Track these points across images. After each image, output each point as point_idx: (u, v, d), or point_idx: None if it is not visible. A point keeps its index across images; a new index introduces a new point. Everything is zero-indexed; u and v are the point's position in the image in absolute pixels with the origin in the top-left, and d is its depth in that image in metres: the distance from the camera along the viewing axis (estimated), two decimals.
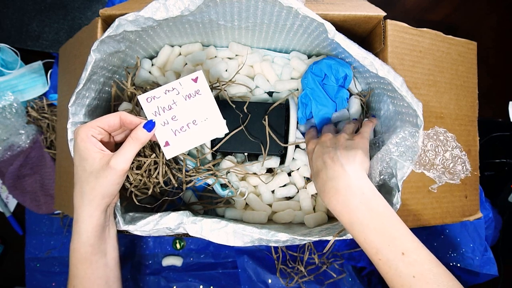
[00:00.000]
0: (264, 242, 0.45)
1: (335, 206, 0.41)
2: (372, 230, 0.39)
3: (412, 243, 0.38)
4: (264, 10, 0.46)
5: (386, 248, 0.38)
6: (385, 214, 0.40)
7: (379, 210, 0.40)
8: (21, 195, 0.73)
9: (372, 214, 0.39)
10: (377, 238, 0.39)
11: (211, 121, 0.45)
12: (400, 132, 0.44)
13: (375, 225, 0.39)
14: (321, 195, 0.43)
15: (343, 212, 0.40)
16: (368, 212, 0.39)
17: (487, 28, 0.89)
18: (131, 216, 0.49)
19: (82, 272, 0.43)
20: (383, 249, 0.38)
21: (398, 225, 0.39)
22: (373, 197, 0.40)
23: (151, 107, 0.43)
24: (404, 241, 0.38)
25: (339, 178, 0.41)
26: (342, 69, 0.53)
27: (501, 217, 0.77)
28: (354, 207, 0.40)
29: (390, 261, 0.38)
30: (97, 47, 0.43)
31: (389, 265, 0.38)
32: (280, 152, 0.54)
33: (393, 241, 0.38)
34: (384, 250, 0.38)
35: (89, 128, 0.40)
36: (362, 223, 0.39)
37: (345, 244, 0.71)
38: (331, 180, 0.42)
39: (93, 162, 0.40)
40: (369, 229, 0.39)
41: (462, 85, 0.55)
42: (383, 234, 0.38)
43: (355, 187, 0.40)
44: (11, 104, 0.71)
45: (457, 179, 0.46)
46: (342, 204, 0.40)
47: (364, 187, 0.41)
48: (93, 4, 0.74)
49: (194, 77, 0.44)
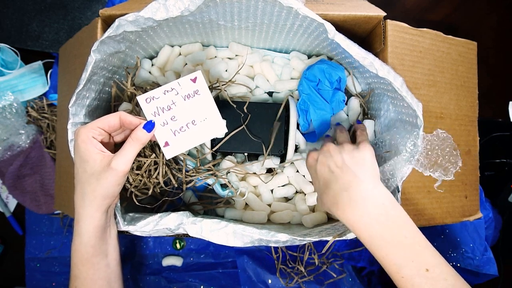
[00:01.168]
0: (264, 242, 0.45)
1: (352, 220, 0.38)
2: (394, 246, 0.36)
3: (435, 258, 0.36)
4: (264, 10, 0.46)
5: (410, 264, 0.35)
6: (407, 227, 0.37)
7: (400, 223, 0.37)
8: (21, 195, 0.73)
9: (393, 227, 0.36)
10: (400, 254, 0.36)
11: (210, 121, 0.45)
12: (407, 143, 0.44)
13: (398, 240, 0.36)
14: (332, 208, 0.40)
15: (361, 226, 0.37)
16: (388, 225, 0.36)
17: (487, 28, 0.89)
18: (131, 217, 0.49)
19: (83, 273, 0.43)
20: (407, 266, 0.35)
21: (420, 238, 0.37)
22: (393, 207, 0.37)
23: (151, 108, 0.43)
24: (427, 256, 0.36)
25: (354, 188, 0.38)
26: (335, 72, 0.53)
27: (501, 217, 0.77)
28: (373, 220, 0.37)
29: (413, 278, 0.35)
30: (97, 47, 0.43)
31: (412, 282, 0.35)
32: (280, 152, 0.54)
33: (417, 257, 0.35)
34: (407, 267, 0.35)
35: (89, 129, 0.40)
36: (383, 237, 0.36)
37: (345, 244, 0.71)
38: (345, 191, 0.38)
39: (93, 163, 0.40)
40: (391, 244, 0.36)
41: (462, 85, 0.55)
42: (406, 250, 0.36)
43: (373, 197, 0.37)
44: (11, 104, 0.71)
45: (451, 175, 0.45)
46: (360, 216, 0.37)
47: (382, 196, 0.38)
48: (93, 4, 0.74)
49: (193, 77, 0.44)
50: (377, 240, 0.37)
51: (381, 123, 0.52)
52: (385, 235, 0.36)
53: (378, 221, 0.37)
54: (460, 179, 0.54)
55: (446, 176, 0.45)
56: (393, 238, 0.36)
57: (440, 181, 0.45)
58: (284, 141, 0.54)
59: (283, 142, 0.54)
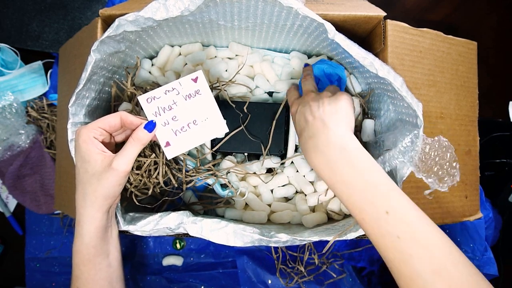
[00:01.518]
0: (264, 242, 0.45)
1: (316, 164, 0.39)
2: (354, 188, 0.36)
3: (398, 201, 0.35)
4: (264, 10, 0.46)
5: (369, 206, 0.35)
6: (370, 170, 0.37)
7: (363, 166, 0.37)
8: (21, 195, 0.73)
9: (355, 170, 0.36)
10: (360, 196, 0.36)
11: (212, 121, 0.45)
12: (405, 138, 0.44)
13: (358, 183, 0.36)
14: (304, 154, 0.41)
15: (324, 170, 0.38)
16: (350, 168, 0.37)
17: (487, 28, 0.89)
18: (131, 216, 0.49)
19: (85, 274, 0.43)
20: (366, 208, 0.35)
21: (383, 182, 0.36)
22: (356, 152, 0.37)
23: (152, 108, 0.43)
24: (389, 199, 0.35)
25: (319, 135, 0.39)
26: (335, 72, 0.53)
27: (501, 217, 0.77)
28: (334, 164, 0.37)
29: (373, 220, 0.35)
30: (97, 47, 0.43)
31: (372, 225, 0.35)
32: (280, 152, 0.54)
33: (377, 200, 0.35)
34: (367, 209, 0.35)
35: (90, 130, 0.40)
36: (344, 180, 0.37)
37: (345, 244, 0.71)
38: (311, 138, 0.39)
39: (95, 164, 0.40)
40: (352, 187, 0.36)
41: (462, 85, 0.55)
42: (366, 192, 0.36)
43: (335, 142, 0.38)
44: (11, 104, 0.71)
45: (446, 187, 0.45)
46: (323, 161, 0.38)
47: (346, 142, 0.38)
48: (93, 4, 0.74)
49: (194, 77, 0.44)
50: (339, 184, 0.37)
51: (381, 123, 0.52)
52: (347, 178, 0.37)
53: (340, 166, 0.37)
54: (460, 179, 0.54)
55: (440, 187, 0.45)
56: (355, 182, 0.36)
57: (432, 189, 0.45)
58: (284, 141, 0.54)
59: (283, 142, 0.54)
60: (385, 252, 0.35)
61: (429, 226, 0.34)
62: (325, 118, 0.39)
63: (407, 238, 0.34)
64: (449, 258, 0.33)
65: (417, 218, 0.35)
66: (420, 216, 0.35)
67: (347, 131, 0.39)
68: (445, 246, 0.33)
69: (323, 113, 0.40)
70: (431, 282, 0.32)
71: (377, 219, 0.35)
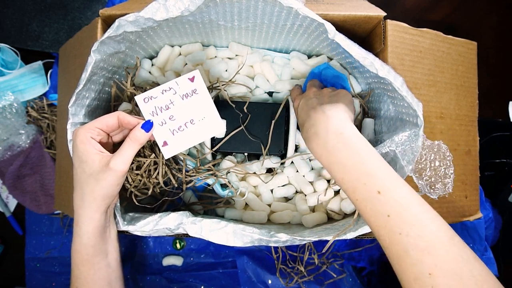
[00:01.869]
0: (264, 242, 0.45)
1: (316, 150, 0.41)
2: (349, 169, 0.38)
3: (391, 182, 0.36)
4: (264, 11, 0.46)
5: (362, 186, 0.36)
6: (364, 152, 0.38)
7: (358, 148, 0.38)
8: (21, 195, 0.73)
9: (350, 152, 0.38)
10: (353, 176, 0.37)
11: (209, 120, 0.45)
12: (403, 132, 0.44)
13: (353, 164, 0.37)
14: (306, 143, 0.43)
15: (323, 154, 0.40)
16: (346, 151, 0.38)
17: (487, 28, 0.89)
18: (131, 217, 0.49)
19: (84, 274, 0.43)
20: (359, 188, 0.37)
21: (377, 163, 0.37)
22: (352, 136, 0.39)
23: (149, 107, 0.43)
24: (382, 179, 0.36)
25: (320, 123, 0.41)
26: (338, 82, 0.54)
27: (501, 217, 0.77)
28: (331, 147, 0.39)
29: (365, 200, 0.36)
30: (97, 48, 0.43)
31: (364, 204, 0.36)
32: (280, 152, 0.54)
33: (370, 179, 0.36)
34: (360, 189, 0.37)
35: (87, 130, 0.40)
36: (340, 162, 0.38)
37: (345, 244, 0.71)
38: (312, 126, 0.41)
39: (92, 164, 0.40)
40: (347, 167, 0.38)
41: (462, 85, 0.55)
42: (360, 173, 0.37)
43: (334, 128, 0.40)
44: (11, 104, 0.71)
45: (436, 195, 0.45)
46: (322, 146, 0.40)
47: (343, 127, 0.40)
48: (93, 4, 0.74)
49: (190, 76, 0.44)
50: (334, 165, 0.39)
51: (381, 123, 0.52)
52: (342, 160, 0.38)
53: (337, 148, 0.39)
54: (460, 179, 0.54)
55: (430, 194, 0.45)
56: (349, 163, 0.38)
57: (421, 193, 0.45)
58: (284, 141, 0.54)
59: (283, 142, 0.54)
60: (377, 230, 0.36)
61: (420, 206, 0.35)
62: (326, 110, 0.41)
63: (397, 217, 0.34)
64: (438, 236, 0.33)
65: (409, 198, 0.35)
66: (412, 196, 0.36)
67: (345, 119, 0.41)
68: (435, 225, 0.34)
69: (324, 105, 0.42)
70: (419, 259, 0.32)
71: (369, 198, 0.36)
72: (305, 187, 0.56)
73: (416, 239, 0.33)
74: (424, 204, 0.35)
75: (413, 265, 0.33)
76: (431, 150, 0.45)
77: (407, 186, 0.36)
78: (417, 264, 0.32)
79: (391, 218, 0.34)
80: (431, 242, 0.33)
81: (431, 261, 0.32)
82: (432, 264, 0.32)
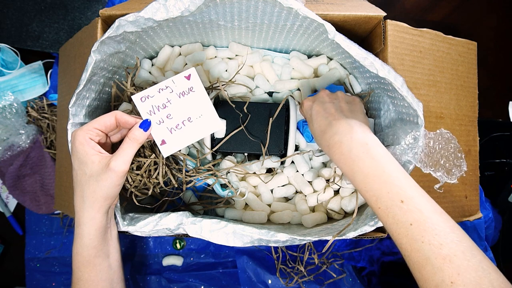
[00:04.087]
0: (264, 242, 0.45)
1: (339, 157, 0.41)
2: (372, 178, 0.38)
3: (413, 191, 0.37)
4: (264, 11, 0.46)
5: (385, 195, 0.37)
6: (387, 161, 0.39)
7: (381, 158, 0.39)
8: (21, 195, 0.73)
9: (373, 162, 0.39)
10: (376, 185, 0.38)
11: (206, 117, 0.45)
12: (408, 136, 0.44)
13: (376, 173, 0.38)
14: (326, 150, 0.44)
15: (346, 162, 0.40)
16: (369, 160, 0.39)
17: (487, 28, 0.89)
18: (131, 217, 0.49)
19: (86, 275, 0.43)
20: (382, 197, 0.37)
21: (399, 173, 0.38)
22: (376, 146, 0.40)
23: (146, 106, 0.43)
24: (404, 189, 0.37)
25: (344, 132, 0.41)
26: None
27: (501, 217, 0.77)
28: (355, 157, 0.40)
29: (388, 208, 0.37)
30: (97, 48, 0.43)
31: (387, 213, 0.37)
32: (280, 152, 0.54)
33: (393, 189, 0.37)
34: (383, 198, 0.37)
35: (86, 131, 0.40)
36: (363, 171, 0.39)
37: (345, 244, 0.71)
38: (335, 135, 0.42)
39: (92, 165, 0.40)
40: (370, 177, 0.38)
41: (462, 85, 0.55)
42: (383, 182, 0.38)
43: (359, 138, 0.40)
44: (11, 104, 0.71)
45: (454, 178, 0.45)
46: (345, 155, 0.40)
47: (367, 137, 0.40)
48: (93, 4, 0.74)
49: (187, 74, 0.44)
50: (358, 175, 0.39)
51: (381, 123, 0.52)
52: (365, 170, 0.39)
53: (360, 158, 0.39)
54: (460, 179, 0.54)
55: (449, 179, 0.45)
56: (372, 172, 0.38)
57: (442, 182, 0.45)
58: (284, 141, 0.54)
59: (283, 142, 0.54)
60: (399, 238, 0.36)
61: (441, 215, 0.36)
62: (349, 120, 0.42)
63: (419, 225, 0.35)
64: (459, 245, 0.33)
65: (430, 207, 0.36)
66: (433, 205, 0.36)
67: (368, 129, 0.42)
68: (456, 234, 0.34)
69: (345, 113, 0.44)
70: (440, 267, 0.33)
71: (392, 207, 0.37)
72: (304, 188, 0.56)
73: (438, 247, 0.33)
74: (444, 214, 0.36)
75: (435, 273, 0.33)
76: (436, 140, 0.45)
77: (427, 196, 0.37)
78: (439, 272, 0.33)
79: (413, 227, 0.35)
80: (452, 251, 0.33)
81: (453, 270, 0.32)
82: (454, 272, 0.32)
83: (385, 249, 0.71)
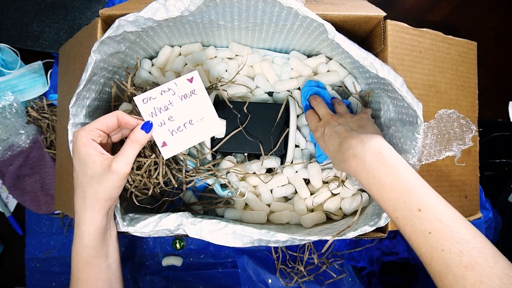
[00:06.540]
0: (264, 242, 0.45)
1: (356, 169, 0.41)
2: (389, 188, 0.38)
3: (430, 199, 0.37)
4: (264, 11, 0.46)
5: (402, 205, 0.37)
6: (403, 170, 0.38)
7: (396, 166, 0.38)
8: (21, 195, 0.73)
9: (389, 171, 0.38)
10: (393, 195, 0.38)
11: (207, 120, 0.45)
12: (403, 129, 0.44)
13: (392, 182, 0.38)
14: (342, 165, 0.43)
15: (363, 173, 0.40)
16: (384, 169, 0.38)
17: (487, 28, 0.89)
18: (130, 217, 0.49)
19: (85, 275, 0.43)
20: (400, 206, 0.37)
21: (415, 181, 0.38)
22: (391, 155, 0.39)
23: (148, 108, 0.43)
24: (421, 197, 0.37)
25: (357, 145, 0.41)
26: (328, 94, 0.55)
27: (501, 217, 0.77)
28: (370, 166, 0.39)
29: (406, 218, 0.36)
30: (97, 48, 0.43)
31: (405, 222, 0.37)
32: (280, 152, 0.54)
33: (410, 197, 0.37)
34: (400, 207, 0.37)
35: (88, 132, 0.40)
36: (379, 181, 0.39)
37: (345, 244, 0.71)
38: (349, 149, 0.42)
39: (94, 166, 0.40)
40: (386, 187, 0.38)
41: (462, 85, 0.55)
42: (399, 192, 0.37)
43: (372, 148, 0.40)
44: (11, 104, 0.71)
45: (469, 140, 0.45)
46: (360, 165, 0.40)
47: (381, 147, 0.40)
48: (93, 4, 0.74)
49: (189, 77, 0.44)
50: (374, 185, 0.39)
51: (381, 123, 0.52)
52: (381, 179, 0.38)
53: (375, 168, 0.39)
54: (460, 179, 0.54)
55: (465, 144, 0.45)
56: (388, 182, 0.38)
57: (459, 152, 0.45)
58: (284, 141, 0.54)
59: (283, 142, 0.54)
60: (418, 247, 0.36)
61: (460, 222, 0.35)
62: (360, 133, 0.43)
63: (438, 234, 0.34)
64: (481, 252, 0.33)
65: (448, 215, 0.36)
66: (451, 212, 0.36)
67: (381, 139, 0.42)
68: (477, 241, 0.34)
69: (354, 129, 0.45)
70: (462, 276, 0.32)
71: (410, 216, 0.36)
72: (301, 192, 0.56)
73: (459, 256, 0.33)
74: (464, 220, 0.36)
75: (456, 281, 0.33)
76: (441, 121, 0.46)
77: (445, 203, 0.37)
78: (460, 280, 0.32)
79: (433, 235, 0.35)
80: (474, 259, 0.32)
81: (475, 278, 0.32)
82: (476, 280, 0.32)
83: (385, 249, 0.71)
